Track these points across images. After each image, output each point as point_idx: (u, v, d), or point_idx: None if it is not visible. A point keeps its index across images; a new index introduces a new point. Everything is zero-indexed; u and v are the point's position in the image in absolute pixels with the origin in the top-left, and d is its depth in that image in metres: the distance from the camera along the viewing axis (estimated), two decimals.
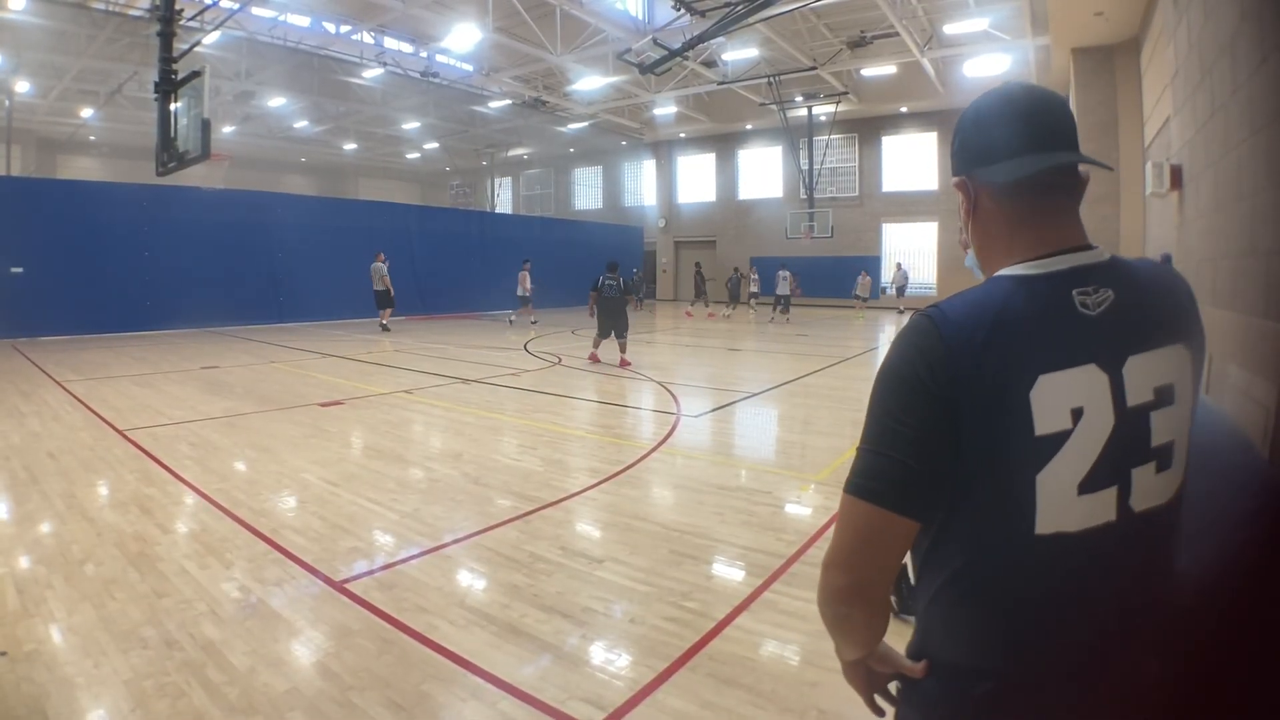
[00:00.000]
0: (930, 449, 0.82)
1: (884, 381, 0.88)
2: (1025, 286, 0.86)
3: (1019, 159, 0.89)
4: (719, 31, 12.60)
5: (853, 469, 0.87)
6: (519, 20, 15.68)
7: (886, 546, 0.86)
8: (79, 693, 2.27)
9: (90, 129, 23.86)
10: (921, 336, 0.85)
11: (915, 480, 0.83)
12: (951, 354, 0.82)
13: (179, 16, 9.56)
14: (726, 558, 3.48)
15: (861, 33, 17.04)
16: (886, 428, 0.85)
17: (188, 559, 3.34)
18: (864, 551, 0.87)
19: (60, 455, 5.16)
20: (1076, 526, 0.82)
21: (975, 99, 0.97)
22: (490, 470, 4.96)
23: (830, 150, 23.35)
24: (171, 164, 8.83)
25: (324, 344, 12.89)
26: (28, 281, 12.82)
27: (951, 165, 1.00)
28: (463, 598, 3.02)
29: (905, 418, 0.83)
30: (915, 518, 0.85)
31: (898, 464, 0.83)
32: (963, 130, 0.96)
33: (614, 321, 10.08)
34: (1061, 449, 0.81)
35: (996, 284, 0.89)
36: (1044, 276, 0.87)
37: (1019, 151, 0.89)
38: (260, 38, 16.38)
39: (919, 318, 0.88)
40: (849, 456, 5.46)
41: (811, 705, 2.26)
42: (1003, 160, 0.90)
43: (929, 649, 0.92)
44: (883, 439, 0.85)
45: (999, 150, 0.90)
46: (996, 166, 0.90)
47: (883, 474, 0.84)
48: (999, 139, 0.91)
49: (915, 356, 0.85)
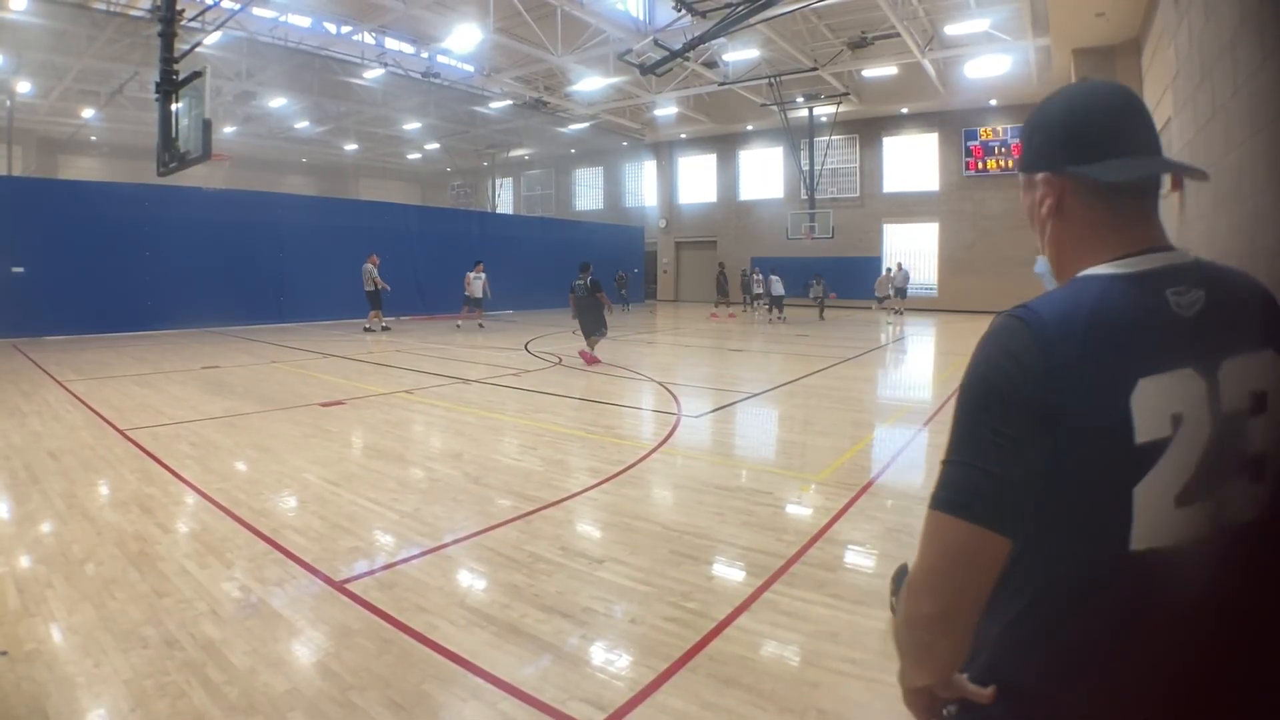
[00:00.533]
0: (1028, 460, 0.77)
1: (974, 388, 0.82)
2: (1118, 285, 0.82)
3: (1126, 159, 0.85)
4: (720, 32, 12.60)
5: (940, 483, 0.81)
6: (520, 21, 15.68)
7: (980, 568, 0.79)
8: (79, 692, 2.28)
9: (91, 129, 23.86)
10: (1013, 339, 0.81)
11: (1012, 494, 0.77)
12: (1048, 356, 0.78)
13: (180, 17, 9.57)
14: (727, 558, 3.48)
15: (862, 33, 17.04)
16: (979, 437, 0.79)
17: (188, 558, 3.34)
18: (956, 574, 0.79)
19: (61, 455, 5.16)
20: (1172, 542, 0.77)
21: (1055, 95, 0.92)
22: (491, 470, 4.96)
23: (831, 151, 23.35)
24: (172, 164, 8.84)
25: (325, 344, 12.89)
26: (29, 281, 12.83)
27: (1026, 161, 0.94)
28: (463, 598, 3.02)
29: (1000, 426, 0.78)
30: (1011, 535, 0.78)
31: (994, 477, 0.77)
32: (1048, 125, 0.90)
33: (580, 319, 10.35)
34: (1161, 458, 0.76)
35: (1086, 283, 0.84)
36: (1137, 276, 0.83)
37: (1125, 151, 0.85)
38: (261, 38, 16.39)
39: (1007, 319, 0.83)
40: (849, 457, 5.47)
41: (812, 705, 2.26)
42: (1108, 159, 0.85)
43: (1000, 673, 0.85)
44: (976, 450, 0.79)
45: (1104, 148, 0.86)
46: (1102, 165, 0.85)
47: (977, 488, 0.78)
48: (1102, 136, 0.86)
49: (1008, 360, 0.80)
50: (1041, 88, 19.09)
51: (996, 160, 21.87)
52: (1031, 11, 14.88)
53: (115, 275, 13.83)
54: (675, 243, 29.48)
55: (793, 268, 22.33)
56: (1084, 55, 14.15)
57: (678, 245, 29.47)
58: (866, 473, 4.95)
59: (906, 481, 4.85)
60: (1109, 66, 13.84)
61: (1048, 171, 0.90)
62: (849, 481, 4.68)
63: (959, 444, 0.81)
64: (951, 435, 0.83)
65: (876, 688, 2.36)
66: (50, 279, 13.00)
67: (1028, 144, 0.94)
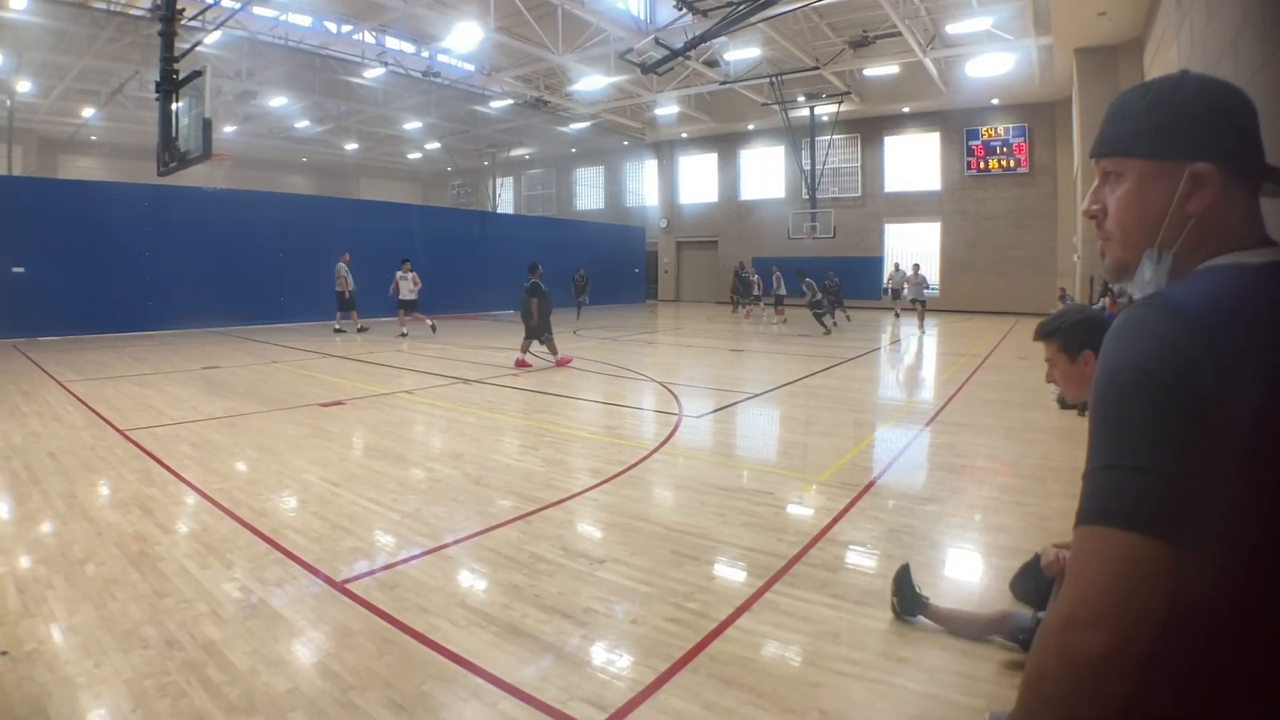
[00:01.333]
0: (1196, 458, 0.69)
1: (1123, 381, 0.73)
2: (1255, 275, 0.78)
3: (1262, 161, 0.84)
4: (721, 31, 12.59)
5: (1095, 494, 0.72)
6: (520, 20, 15.68)
7: (1157, 588, 0.68)
8: (80, 692, 2.27)
9: (91, 129, 23.87)
10: (1165, 328, 0.73)
11: (1188, 498, 0.68)
12: (1202, 343, 0.71)
13: (180, 16, 9.56)
14: (728, 558, 3.47)
15: (864, 32, 17.04)
16: (1140, 435, 0.70)
17: (188, 559, 3.34)
18: (1131, 598, 0.68)
19: (61, 455, 5.16)
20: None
21: (1178, 81, 0.86)
22: (491, 470, 4.95)
23: (832, 150, 23.34)
24: (173, 164, 8.84)
25: (325, 344, 12.89)
26: (29, 281, 12.84)
27: (1162, 147, 0.85)
28: (464, 598, 3.01)
29: (1162, 419, 0.70)
30: (1182, 546, 0.68)
31: (1164, 478, 0.68)
32: (1198, 114, 0.83)
33: (524, 320, 9.98)
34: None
35: (1220, 273, 0.79)
36: (1271, 266, 0.78)
37: (1260, 153, 0.84)
38: (261, 37, 16.40)
39: (1147, 309, 0.76)
40: (851, 457, 5.47)
41: (813, 706, 2.25)
42: (1259, 158, 0.84)
43: (1134, 712, 0.73)
44: (1137, 450, 0.70)
45: (1253, 142, 0.84)
46: (1255, 162, 0.83)
47: (1145, 492, 0.69)
48: (1248, 132, 0.84)
49: (1161, 347, 0.72)
50: (1043, 87, 19.11)
51: (998, 160, 21.86)
52: (1033, 11, 14.87)
53: (115, 275, 13.83)
54: (676, 242, 29.48)
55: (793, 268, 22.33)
56: (1086, 54, 14.14)
57: (679, 245, 29.47)
58: (868, 473, 4.94)
59: (908, 482, 4.84)
60: (1111, 66, 13.84)
61: (1208, 161, 0.82)
62: (850, 482, 4.68)
63: (1113, 445, 0.72)
64: (1098, 438, 0.74)
65: (878, 688, 2.35)
66: (50, 279, 13.00)
67: (1164, 127, 0.85)
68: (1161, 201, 0.84)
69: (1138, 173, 0.87)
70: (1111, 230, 0.90)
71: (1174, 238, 0.85)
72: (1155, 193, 0.85)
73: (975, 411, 7.06)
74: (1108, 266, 0.93)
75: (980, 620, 2.68)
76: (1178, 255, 0.85)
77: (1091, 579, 0.70)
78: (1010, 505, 4.25)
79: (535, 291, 9.83)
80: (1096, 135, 0.92)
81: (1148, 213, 0.86)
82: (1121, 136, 0.88)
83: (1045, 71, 17.91)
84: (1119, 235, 0.90)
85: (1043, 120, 20.94)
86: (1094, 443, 0.75)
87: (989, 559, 3.48)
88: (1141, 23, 12.08)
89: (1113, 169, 0.90)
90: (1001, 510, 4.16)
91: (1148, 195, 0.86)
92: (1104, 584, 0.69)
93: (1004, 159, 21.76)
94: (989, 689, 2.34)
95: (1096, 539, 0.70)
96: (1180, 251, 0.85)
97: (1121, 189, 0.89)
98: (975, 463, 5.26)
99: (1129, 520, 0.69)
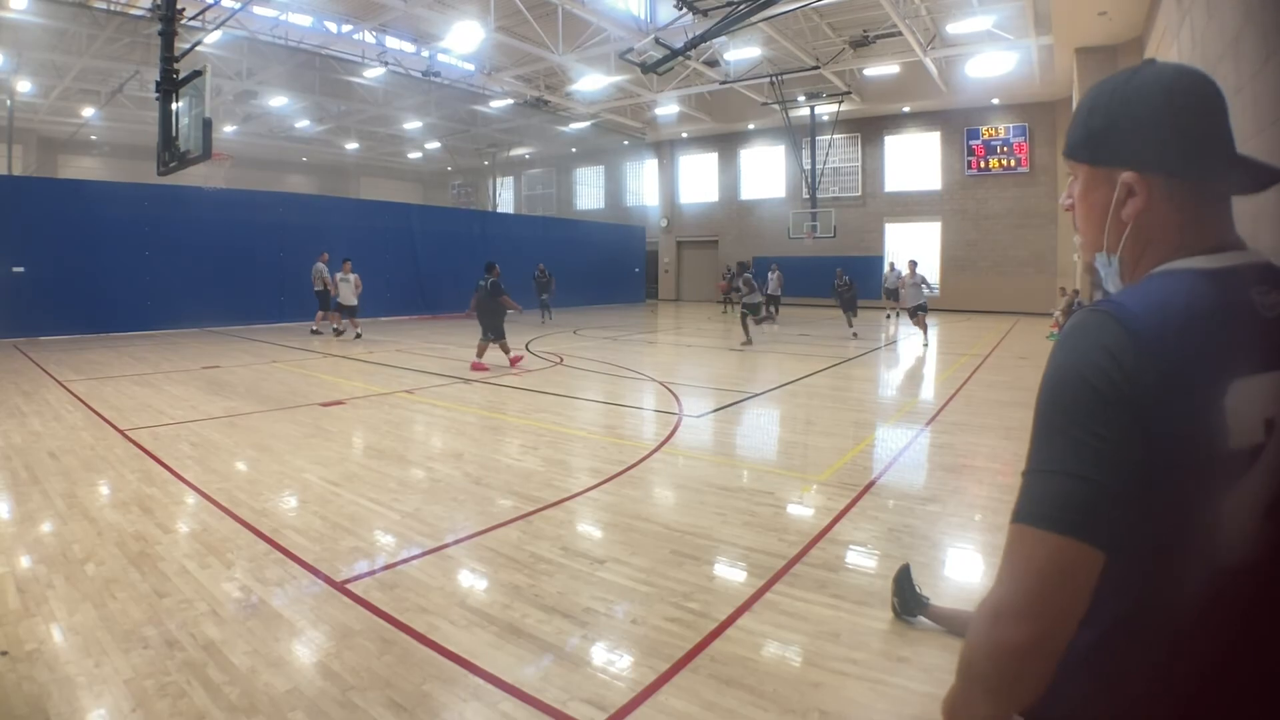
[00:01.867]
0: (1127, 466, 0.71)
1: (1062, 387, 0.75)
2: (1205, 282, 0.78)
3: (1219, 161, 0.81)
4: (721, 31, 12.58)
5: (1028, 495, 0.75)
6: (521, 19, 15.67)
7: (1079, 587, 0.72)
8: (80, 692, 2.27)
9: (91, 128, 23.87)
10: (1104, 334, 0.74)
11: (1112, 504, 0.71)
12: (1144, 352, 0.72)
13: (180, 16, 9.56)
14: (728, 558, 3.47)
15: (864, 32, 17.03)
16: (1073, 441, 0.72)
17: (189, 559, 3.34)
18: (1054, 595, 0.72)
19: (61, 455, 5.16)
20: (1264, 558, 0.73)
21: (1140, 80, 0.83)
22: (491, 470, 4.95)
23: (833, 150, 23.34)
24: (173, 164, 8.83)
25: (325, 343, 12.89)
26: (29, 281, 12.83)
27: (1098, 153, 0.86)
28: (464, 598, 3.01)
29: (1096, 428, 0.72)
30: (1108, 549, 0.71)
31: (1092, 485, 0.71)
32: (1140, 118, 0.82)
33: (480, 320, 9.87)
34: (1254, 466, 0.72)
35: (1171, 279, 0.79)
36: (1222, 273, 0.78)
37: (1218, 151, 0.80)
38: (262, 37, 16.39)
39: (1092, 314, 0.77)
40: (851, 457, 5.46)
41: (813, 706, 2.25)
42: (1206, 159, 0.80)
43: (1062, 708, 0.78)
44: (1069, 456, 0.72)
45: (1205, 147, 0.80)
46: (1200, 165, 0.80)
47: (1074, 497, 0.71)
48: (1203, 134, 0.80)
49: (1101, 356, 0.73)
50: (1044, 87, 19.10)
51: (999, 159, 21.85)
52: (1034, 10, 14.86)
53: (115, 275, 13.83)
54: (676, 242, 29.47)
55: (794, 267, 22.34)
56: (1087, 54, 14.13)
57: (679, 245, 29.47)
58: (868, 473, 4.94)
59: (908, 482, 4.84)
60: (1112, 65, 13.82)
61: (1135, 170, 0.82)
62: (851, 482, 4.68)
63: (1048, 450, 0.75)
64: (1036, 441, 0.76)
65: (878, 688, 2.35)
66: (50, 279, 13.00)
67: (1099, 134, 0.86)
68: (1102, 206, 0.87)
69: (1083, 177, 0.89)
70: (1077, 227, 0.94)
71: (1116, 242, 0.87)
72: (1097, 198, 0.87)
73: (975, 411, 7.06)
74: (1082, 264, 0.95)
75: None
76: (1123, 258, 0.87)
77: (1019, 576, 0.73)
78: (1010, 505, 4.24)
79: (500, 291, 9.72)
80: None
81: (1093, 216, 0.89)
82: (1072, 140, 0.90)
83: (1046, 71, 17.90)
84: (1080, 235, 0.93)
85: (1043, 120, 20.94)
86: (1033, 444, 0.77)
87: (989, 559, 3.48)
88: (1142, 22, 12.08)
89: (1071, 170, 0.92)
90: (1001, 510, 4.16)
91: (1091, 199, 0.88)
92: (1030, 581, 0.73)
93: (1004, 159, 21.75)
94: None
95: (1026, 538, 0.74)
96: (1124, 255, 0.86)
97: (1076, 190, 0.91)
98: (975, 462, 5.26)
99: (1057, 524, 0.72)
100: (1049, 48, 15.81)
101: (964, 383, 8.79)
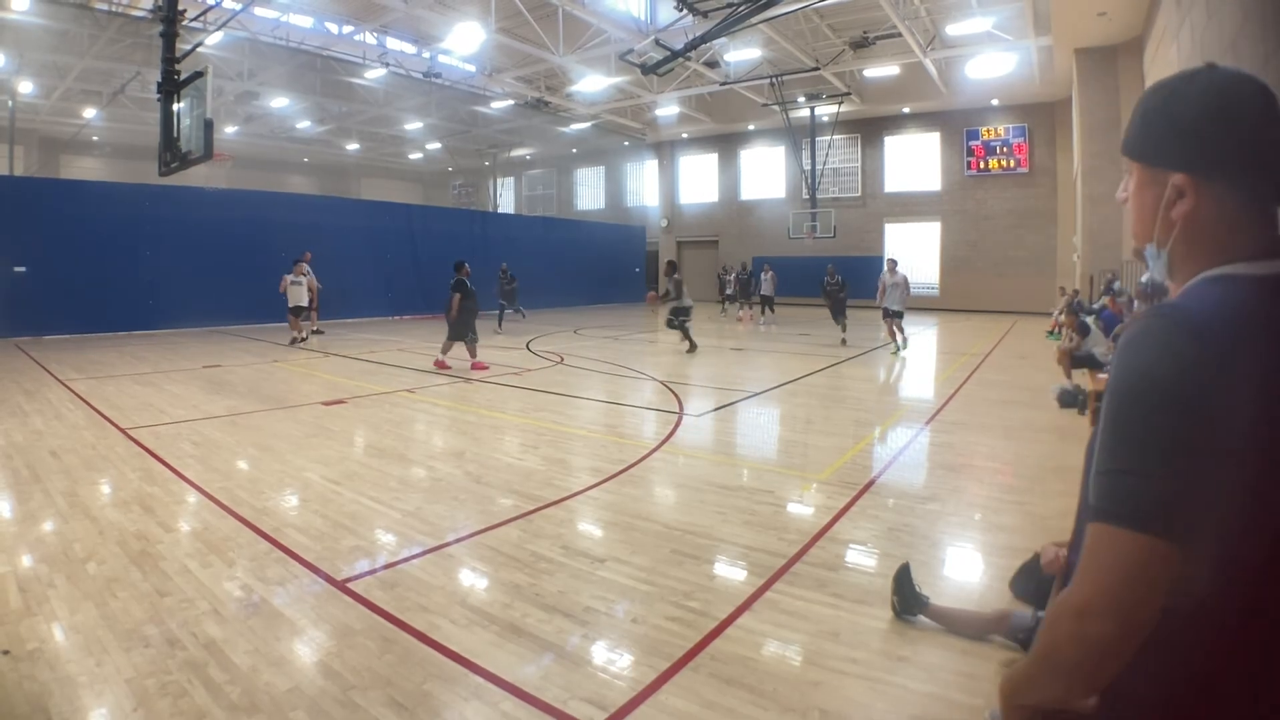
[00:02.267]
0: (1197, 464, 0.74)
1: (1133, 389, 0.78)
2: (1260, 288, 0.81)
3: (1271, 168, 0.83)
4: (721, 32, 12.59)
5: (1110, 495, 0.78)
6: (521, 21, 15.68)
7: (1159, 582, 0.75)
8: (81, 691, 2.28)
9: (93, 129, 23.89)
10: (1171, 337, 0.78)
11: (1191, 504, 0.74)
12: (1208, 354, 0.75)
13: (182, 17, 9.58)
14: (728, 557, 3.47)
15: (864, 33, 17.03)
16: (1147, 441, 0.76)
17: (190, 558, 3.35)
18: (1137, 592, 0.75)
19: (63, 454, 5.17)
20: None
21: (1195, 84, 0.86)
22: (492, 469, 4.96)
23: (833, 151, 23.35)
24: (174, 164, 8.85)
25: (326, 343, 12.90)
26: (31, 281, 12.86)
27: (1153, 154, 0.90)
28: (464, 597, 3.02)
29: (1169, 428, 0.75)
30: (1182, 544, 0.75)
31: (1167, 483, 0.75)
32: (1196, 123, 0.85)
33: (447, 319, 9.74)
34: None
35: (1226, 284, 0.83)
36: (1274, 279, 0.81)
37: (1273, 158, 0.83)
38: (263, 38, 16.40)
39: (1157, 319, 0.80)
40: (851, 456, 5.46)
41: (814, 705, 2.25)
42: (1257, 166, 0.83)
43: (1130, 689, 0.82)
44: (1144, 456, 0.76)
45: (1259, 155, 0.83)
46: (1250, 172, 0.83)
47: (1149, 497, 0.75)
48: (1256, 143, 0.83)
49: (1169, 358, 0.76)
50: (1043, 88, 19.11)
51: (998, 160, 21.86)
52: (1033, 11, 14.86)
53: (117, 275, 13.85)
54: (677, 242, 29.47)
55: (794, 267, 22.33)
56: (1086, 55, 14.15)
57: (679, 245, 29.47)
58: (868, 472, 4.94)
59: (908, 481, 4.85)
60: (1111, 66, 13.84)
61: (1186, 173, 0.85)
62: (850, 480, 4.68)
63: (1124, 450, 0.78)
64: (1111, 442, 0.79)
65: (878, 687, 2.36)
66: (52, 278, 13.02)
67: (1152, 135, 0.89)
68: (1152, 204, 0.90)
69: (1137, 174, 0.93)
70: (1130, 220, 0.98)
71: (1165, 239, 0.90)
72: (1148, 196, 0.91)
73: (975, 411, 7.06)
74: (1132, 251, 1.01)
75: (980, 619, 2.68)
76: (1172, 254, 0.90)
77: (1103, 574, 0.77)
78: (1010, 504, 4.25)
79: (460, 288, 9.50)
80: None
81: (1143, 212, 0.92)
82: (1129, 139, 0.93)
83: (1045, 72, 17.91)
84: (1132, 227, 0.97)
85: (1043, 120, 20.95)
86: (1106, 445, 0.80)
87: (989, 558, 3.48)
88: (1141, 23, 12.09)
89: (1127, 167, 0.96)
90: (1001, 509, 4.16)
91: (1143, 197, 0.92)
92: (1114, 579, 0.76)
93: (1004, 159, 21.76)
94: (989, 688, 2.34)
95: (1108, 537, 0.77)
96: (1174, 252, 0.90)
97: (1131, 185, 0.95)
98: (975, 462, 5.26)
99: (1137, 522, 0.75)
100: (1048, 48, 15.83)
101: (964, 382, 8.79)
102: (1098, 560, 0.78)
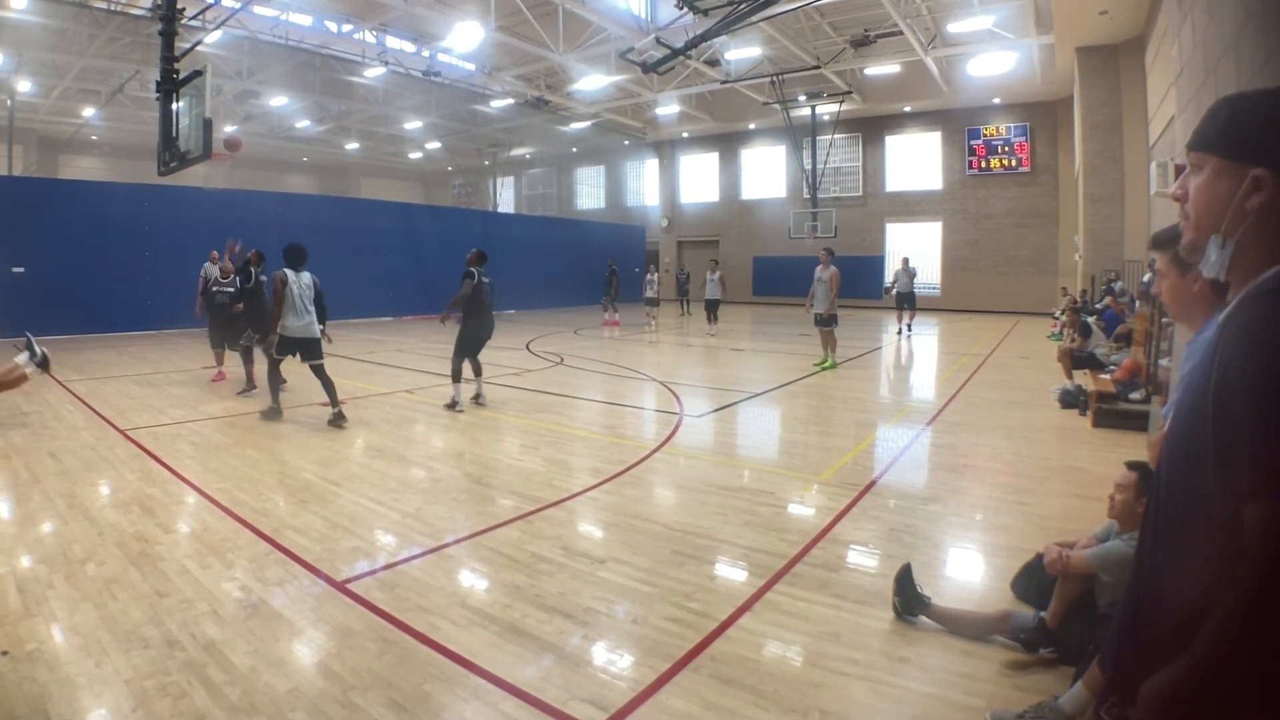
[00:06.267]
0: None
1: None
2: None
3: None
4: (722, 30, 12.57)
5: (1273, 471, 0.83)
6: (521, 19, 15.67)
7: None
8: (80, 692, 2.27)
9: (92, 128, 23.87)
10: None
11: None
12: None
13: (181, 15, 9.55)
14: (729, 558, 3.47)
15: (865, 31, 17.00)
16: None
17: (189, 559, 3.34)
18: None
19: (62, 455, 5.16)
20: None
21: (1275, 89, 0.97)
22: (492, 470, 4.95)
23: (834, 150, 23.31)
24: (173, 163, 8.83)
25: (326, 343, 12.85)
26: (29, 281, 12.82)
27: (1239, 150, 0.97)
28: (464, 598, 3.01)
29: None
30: None
31: None
32: (1270, 123, 0.95)
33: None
34: None
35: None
36: None
37: None
38: (262, 37, 16.38)
39: (1276, 305, 0.89)
40: (852, 457, 5.45)
41: (814, 706, 2.25)
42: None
43: None
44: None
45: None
46: None
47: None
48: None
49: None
50: (1045, 86, 19.09)
51: (1000, 159, 21.83)
52: (1035, 9, 14.84)
53: (116, 275, 13.83)
54: (677, 242, 29.46)
55: (795, 267, 22.30)
56: (1087, 53, 14.13)
57: (679, 244, 29.45)
58: (869, 472, 4.94)
59: (909, 481, 4.84)
60: (1112, 65, 13.82)
61: (1267, 168, 0.93)
62: (851, 481, 4.67)
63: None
64: (1266, 420, 0.84)
65: (879, 688, 2.35)
66: (51, 278, 12.99)
67: (1240, 131, 0.97)
68: (1226, 195, 0.98)
69: (1213, 167, 1.00)
70: (1189, 213, 1.05)
71: (1235, 228, 0.98)
72: (1222, 187, 0.98)
73: (976, 411, 7.05)
74: (1184, 243, 1.08)
75: (981, 620, 2.68)
76: (1239, 244, 0.98)
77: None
78: (1011, 505, 4.25)
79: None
80: (1194, 129, 1.05)
81: (1215, 203, 1.00)
82: (1210, 135, 1.02)
83: (1046, 70, 17.88)
84: (1193, 218, 1.04)
85: (1044, 119, 20.92)
86: (1262, 424, 0.84)
87: (990, 558, 3.48)
88: (1143, 21, 12.08)
89: (1196, 161, 1.04)
90: (1002, 510, 4.16)
91: (1216, 188, 0.99)
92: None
93: (1005, 158, 21.73)
94: (990, 689, 2.34)
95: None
96: (1242, 241, 0.97)
97: (1199, 179, 1.03)
98: (976, 462, 5.26)
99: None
100: (1050, 47, 15.80)
101: (965, 382, 8.78)
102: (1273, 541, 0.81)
